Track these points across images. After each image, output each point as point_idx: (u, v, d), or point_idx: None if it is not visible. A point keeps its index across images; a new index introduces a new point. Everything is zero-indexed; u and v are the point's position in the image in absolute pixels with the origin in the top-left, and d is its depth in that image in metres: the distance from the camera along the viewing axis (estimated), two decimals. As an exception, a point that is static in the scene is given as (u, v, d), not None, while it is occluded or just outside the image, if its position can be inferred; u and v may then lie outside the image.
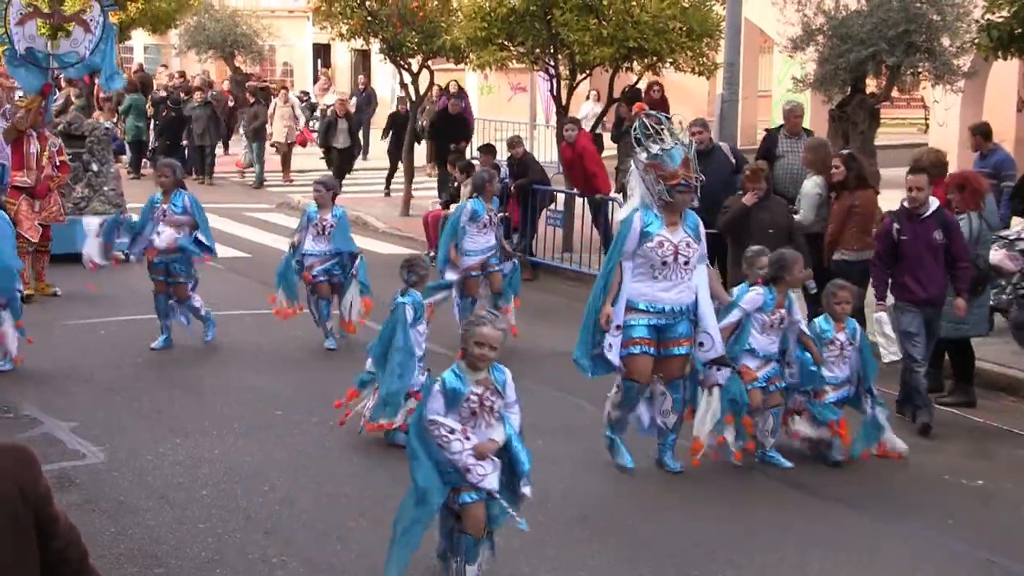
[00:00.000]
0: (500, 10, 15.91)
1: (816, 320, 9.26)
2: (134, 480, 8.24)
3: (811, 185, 11.73)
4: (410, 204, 20.82)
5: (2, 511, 3.89)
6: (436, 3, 19.05)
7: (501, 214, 13.42)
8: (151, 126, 25.35)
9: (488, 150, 16.83)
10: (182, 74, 31.11)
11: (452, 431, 6.12)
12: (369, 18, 19.32)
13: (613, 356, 8.38)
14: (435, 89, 23.37)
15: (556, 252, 16.65)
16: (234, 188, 24.87)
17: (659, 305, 8.36)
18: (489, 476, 6.22)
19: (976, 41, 13.46)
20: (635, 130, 8.34)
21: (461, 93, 23.48)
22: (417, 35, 19.21)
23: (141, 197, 13.51)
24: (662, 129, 8.23)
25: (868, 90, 15.10)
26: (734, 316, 8.75)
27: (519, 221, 16.27)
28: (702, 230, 8.52)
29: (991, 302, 11.09)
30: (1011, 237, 12.17)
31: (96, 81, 26.67)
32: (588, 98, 24.61)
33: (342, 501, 8.00)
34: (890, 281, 9.90)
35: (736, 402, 8.58)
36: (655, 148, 8.21)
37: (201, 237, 11.58)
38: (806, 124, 13.78)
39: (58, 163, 13.79)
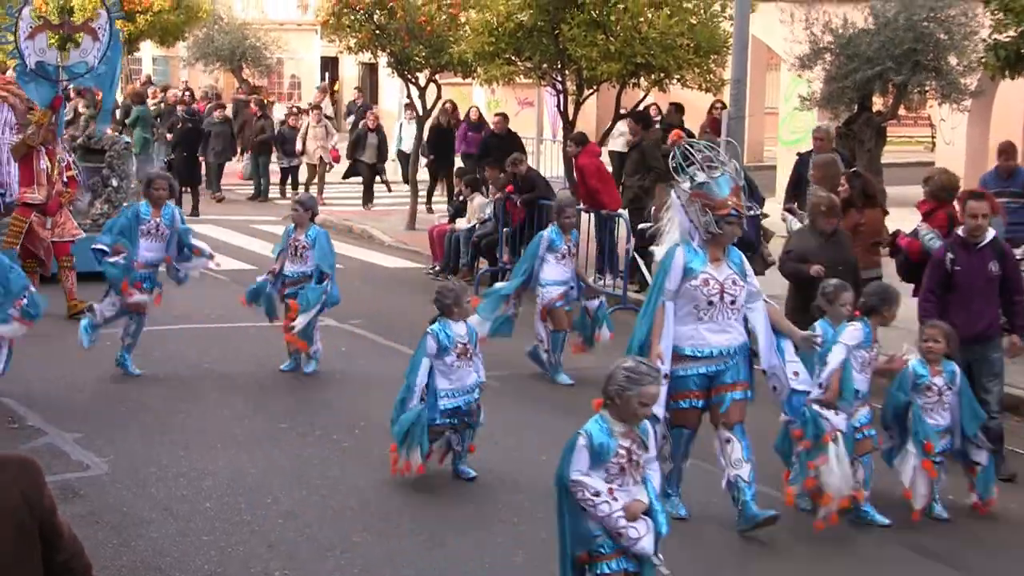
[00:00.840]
0: (508, 25, 15.93)
1: (911, 363, 8.31)
2: (138, 492, 8.23)
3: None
4: (416, 218, 20.82)
5: (7, 522, 3.89)
6: (444, 17, 19.09)
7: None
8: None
9: (494, 164, 16.83)
10: (165, 88, 30.74)
11: (597, 493, 5.55)
12: (377, 32, 19.35)
13: (658, 408, 7.25)
14: (448, 106, 23.27)
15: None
16: (241, 200, 24.87)
17: (707, 349, 7.68)
18: (644, 539, 5.62)
19: (983, 60, 13.47)
20: (674, 158, 7.72)
21: (482, 116, 23.23)
22: (425, 49, 19.25)
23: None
24: (707, 156, 7.63)
25: (875, 108, 15.13)
26: (839, 354, 7.95)
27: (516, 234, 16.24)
28: (748, 267, 7.88)
29: (1001, 322, 10.99)
30: (1018, 257, 12.18)
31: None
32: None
33: (346, 515, 7.98)
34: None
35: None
36: (701, 176, 7.59)
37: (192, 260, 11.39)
38: (811, 143, 13.71)
39: (66, 179, 13.56)
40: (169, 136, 23.99)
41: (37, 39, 13.08)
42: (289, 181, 25.24)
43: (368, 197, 23.81)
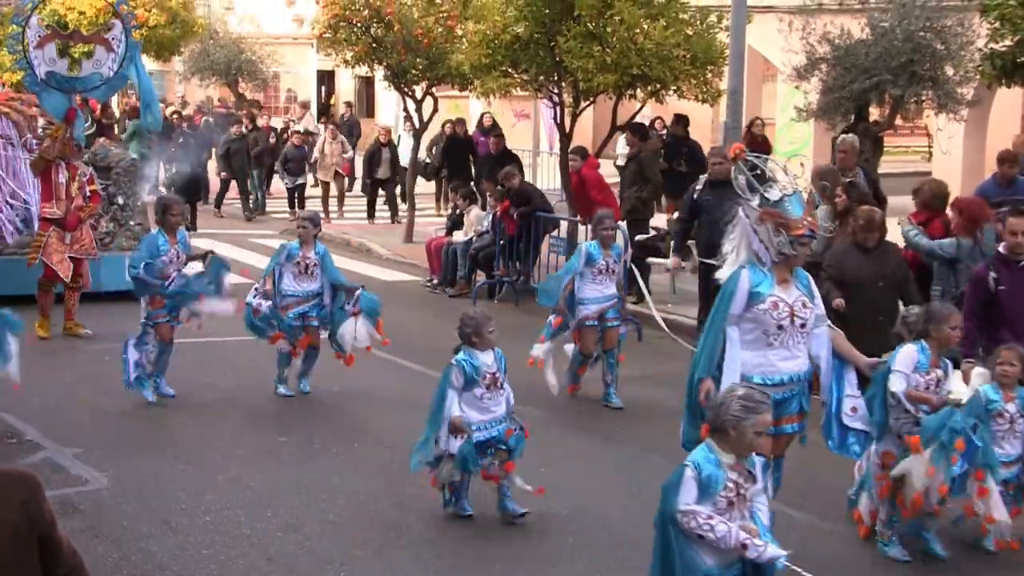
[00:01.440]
0: (504, 37, 15.94)
1: (982, 388, 7.81)
2: (137, 506, 8.22)
3: (821, 214, 11.68)
4: (413, 231, 20.81)
5: (7, 536, 3.88)
6: (441, 30, 19.11)
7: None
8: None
9: (492, 180, 16.82)
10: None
11: (711, 516, 5.27)
12: (373, 44, 19.37)
13: None
14: (447, 126, 23.26)
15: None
16: (238, 215, 24.80)
17: (776, 376, 7.20)
18: (769, 546, 5.35)
19: (980, 69, 13.51)
20: (739, 172, 7.21)
21: (496, 127, 23.18)
22: (421, 61, 19.26)
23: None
24: (771, 172, 7.17)
25: (871, 118, 15.15)
26: (898, 383, 7.57)
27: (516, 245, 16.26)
28: (815, 288, 7.42)
29: None
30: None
31: (98, 106, 26.61)
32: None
33: (345, 528, 7.97)
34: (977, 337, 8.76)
35: (945, 446, 7.30)
36: (775, 194, 7.08)
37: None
38: (808, 152, 13.71)
39: (88, 193, 13.34)
40: (173, 150, 23.89)
41: (46, 49, 12.93)
42: (295, 198, 25.08)
43: (392, 211, 23.76)
